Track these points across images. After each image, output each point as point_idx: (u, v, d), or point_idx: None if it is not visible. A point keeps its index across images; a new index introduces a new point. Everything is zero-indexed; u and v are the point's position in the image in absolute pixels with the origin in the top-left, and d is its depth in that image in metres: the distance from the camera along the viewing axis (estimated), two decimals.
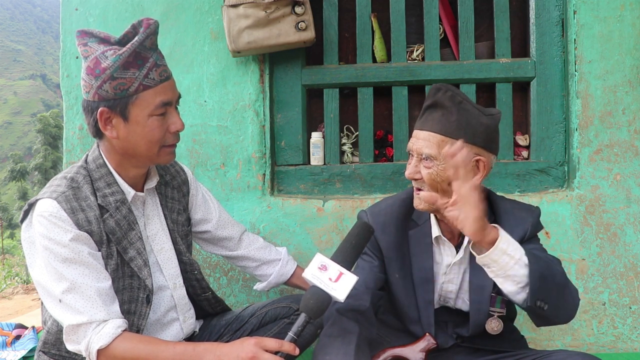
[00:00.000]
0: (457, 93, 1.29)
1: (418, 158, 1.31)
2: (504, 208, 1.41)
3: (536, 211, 1.42)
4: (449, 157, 1.14)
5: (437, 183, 1.28)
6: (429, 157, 1.28)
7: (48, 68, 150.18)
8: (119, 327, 1.24)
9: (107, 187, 1.33)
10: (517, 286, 1.15)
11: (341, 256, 1.25)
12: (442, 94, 1.28)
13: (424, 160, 1.29)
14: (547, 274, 1.16)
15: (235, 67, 2.11)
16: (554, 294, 1.17)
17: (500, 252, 1.14)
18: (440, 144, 1.27)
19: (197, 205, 1.62)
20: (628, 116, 1.99)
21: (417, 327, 1.42)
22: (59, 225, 1.23)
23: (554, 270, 1.20)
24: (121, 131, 1.29)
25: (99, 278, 1.26)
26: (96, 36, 1.29)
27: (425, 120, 1.31)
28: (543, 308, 1.15)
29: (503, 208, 1.41)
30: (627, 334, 1.99)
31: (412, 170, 1.32)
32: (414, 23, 2.27)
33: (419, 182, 1.32)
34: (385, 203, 1.48)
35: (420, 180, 1.31)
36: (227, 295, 2.10)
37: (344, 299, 1.19)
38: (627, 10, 1.98)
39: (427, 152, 1.28)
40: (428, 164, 1.29)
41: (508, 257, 1.14)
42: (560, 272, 1.23)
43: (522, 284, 1.15)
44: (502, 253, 1.14)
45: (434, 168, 1.28)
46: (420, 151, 1.29)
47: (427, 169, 1.29)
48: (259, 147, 2.11)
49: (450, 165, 1.15)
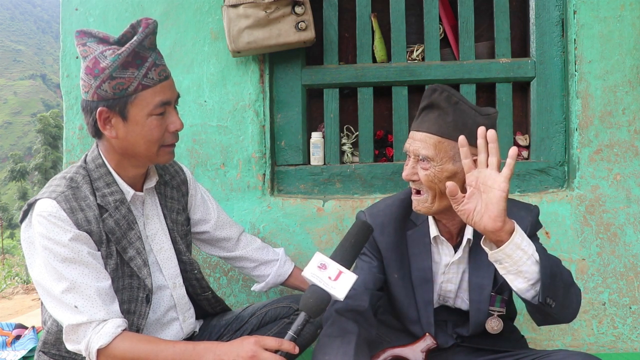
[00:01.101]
0: (453, 94, 1.29)
1: (415, 159, 1.31)
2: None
3: (535, 210, 1.42)
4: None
5: (435, 184, 1.28)
6: (426, 158, 1.28)
7: (48, 68, 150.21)
8: (119, 327, 1.24)
9: (106, 187, 1.33)
10: (528, 283, 1.14)
11: (340, 255, 1.25)
12: (438, 94, 1.28)
13: (421, 162, 1.29)
14: (556, 272, 1.16)
15: (235, 67, 2.10)
16: (561, 292, 1.17)
17: (515, 247, 1.12)
18: (437, 145, 1.27)
19: (196, 205, 1.62)
20: (628, 116, 1.99)
21: (417, 327, 1.42)
22: (59, 225, 1.23)
23: (562, 269, 1.20)
24: (120, 131, 1.28)
25: (99, 278, 1.26)
26: (95, 36, 1.29)
27: (421, 121, 1.31)
28: (551, 305, 1.15)
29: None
30: (627, 334, 1.99)
31: (410, 171, 1.32)
32: (414, 23, 2.27)
33: (417, 183, 1.32)
34: (383, 204, 1.48)
35: (418, 181, 1.31)
36: (227, 295, 2.10)
37: (344, 297, 1.19)
38: (627, 10, 1.98)
39: (424, 153, 1.28)
40: (425, 165, 1.28)
41: (522, 251, 1.12)
42: (567, 271, 1.23)
43: (533, 281, 1.14)
44: (517, 247, 1.12)
45: (431, 169, 1.28)
46: (417, 152, 1.29)
47: (425, 170, 1.29)
48: (259, 147, 2.11)
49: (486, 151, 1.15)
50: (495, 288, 1.38)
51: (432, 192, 1.30)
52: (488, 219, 1.12)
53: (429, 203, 1.31)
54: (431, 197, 1.30)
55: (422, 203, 1.32)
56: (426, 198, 1.31)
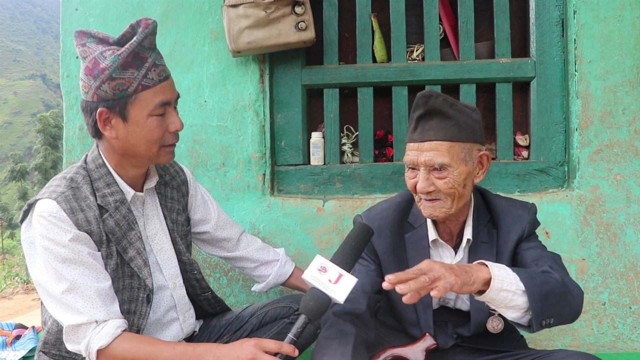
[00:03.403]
0: (446, 96, 1.27)
1: (427, 170, 1.27)
2: (501, 207, 1.41)
3: (532, 208, 1.41)
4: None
5: (455, 189, 1.26)
6: (443, 166, 1.25)
7: (48, 68, 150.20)
8: (119, 327, 1.24)
9: (107, 187, 1.33)
10: (520, 312, 1.15)
11: (341, 258, 1.24)
12: (434, 100, 1.26)
13: (435, 171, 1.26)
14: (546, 291, 1.15)
15: (235, 67, 2.10)
16: (556, 307, 1.17)
17: (497, 291, 1.12)
18: (450, 150, 1.25)
19: (197, 205, 1.62)
20: (628, 116, 1.99)
21: (416, 330, 1.42)
22: (59, 226, 1.23)
23: (552, 284, 1.18)
24: (120, 131, 1.28)
25: (99, 278, 1.26)
26: (95, 36, 1.29)
27: (422, 130, 1.28)
28: (550, 324, 1.16)
29: (500, 207, 1.41)
30: (627, 334, 1.99)
31: (425, 183, 1.27)
32: (414, 23, 2.27)
33: (433, 193, 1.29)
34: (380, 207, 1.47)
35: (435, 191, 1.28)
36: (227, 295, 2.10)
37: (344, 300, 1.19)
38: (627, 10, 1.98)
39: (440, 161, 1.24)
40: (442, 174, 1.26)
41: (505, 292, 1.13)
42: (559, 280, 1.20)
43: (525, 309, 1.15)
44: (499, 291, 1.12)
45: (450, 176, 1.25)
46: (431, 162, 1.25)
47: (442, 179, 1.26)
48: (259, 147, 2.11)
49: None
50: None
51: (451, 198, 1.28)
52: (456, 291, 1.10)
53: (447, 208, 1.29)
54: (450, 201, 1.29)
55: (439, 209, 1.29)
56: (444, 203, 1.29)
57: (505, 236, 1.38)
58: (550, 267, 1.25)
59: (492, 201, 1.42)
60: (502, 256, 1.37)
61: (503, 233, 1.38)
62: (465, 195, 1.30)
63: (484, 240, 1.38)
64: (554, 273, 1.22)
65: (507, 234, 1.38)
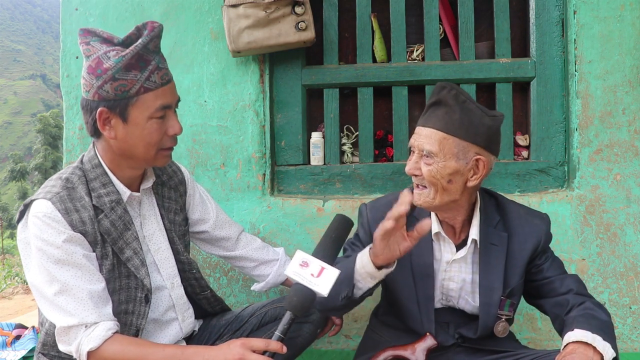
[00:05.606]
0: (462, 92, 1.30)
1: (419, 154, 1.32)
2: (517, 213, 1.43)
3: (546, 218, 1.44)
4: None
5: (437, 180, 1.29)
6: (430, 153, 1.29)
7: (48, 68, 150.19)
8: (110, 330, 1.24)
9: (102, 187, 1.33)
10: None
11: (322, 251, 1.25)
12: (446, 92, 1.30)
13: (425, 157, 1.30)
14: (613, 337, 1.24)
15: (235, 67, 2.10)
16: (614, 338, 1.25)
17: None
18: (442, 142, 1.28)
19: (195, 205, 1.62)
20: (628, 116, 1.99)
21: (417, 324, 1.42)
22: (53, 227, 1.23)
23: (612, 326, 1.28)
24: (119, 132, 1.29)
25: (92, 280, 1.26)
26: (99, 35, 1.29)
27: (428, 117, 1.32)
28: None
29: (516, 212, 1.43)
30: (627, 334, 1.99)
31: (413, 166, 1.33)
32: (414, 23, 2.27)
33: (419, 178, 1.33)
34: (386, 199, 1.50)
35: (420, 176, 1.32)
36: (227, 295, 2.10)
37: (328, 293, 1.19)
38: (627, 10, 1.98)
39: (428, 148, 1.29)
40: (428, 161, 1.30)
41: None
42: (609, 321, 1.29)
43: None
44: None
45: (434, 165, 1.29)
46: (422, 147, 1.30)
47: (428, 165, 1.30)
48: (259, 147, 2.11)
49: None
50: (505, 292, 1.38)
51: (434, 188, 1.31)
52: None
53: (431, 198, 1.32)
54: (433, 192, 1.31)
55: (423, 197, 1.33)
56: (428, 192, 1.32)
57: (521, 243, 1.39)
58: (581, 294, 1.35)
59: (506, 206, 1.44)
60: (514, 262, 1.39)
61: (518, 239, 1.39)
62: (451, 191, 1.31)
63: (494, 242, 1.39)
64: (601, 312, 1.29)
65: (523, 241, 1.39)
